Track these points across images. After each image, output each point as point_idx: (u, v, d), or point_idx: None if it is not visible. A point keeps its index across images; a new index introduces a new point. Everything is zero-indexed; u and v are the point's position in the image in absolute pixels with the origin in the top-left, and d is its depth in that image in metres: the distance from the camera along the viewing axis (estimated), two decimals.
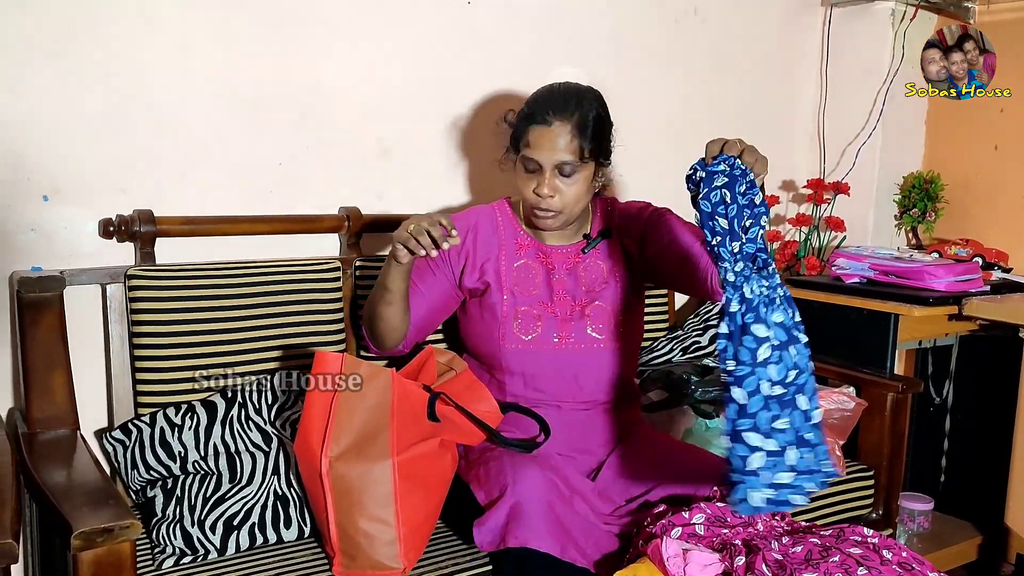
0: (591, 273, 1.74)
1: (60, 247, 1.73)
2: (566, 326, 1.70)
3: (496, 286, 1.71)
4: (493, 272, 1.72)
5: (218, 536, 1.53)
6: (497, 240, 1.75)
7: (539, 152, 1.61)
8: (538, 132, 1.61)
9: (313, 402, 1.46)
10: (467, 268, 1.73)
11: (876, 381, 2.16)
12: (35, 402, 1.53)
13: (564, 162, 1.60)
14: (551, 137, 1.59)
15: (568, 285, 1.73)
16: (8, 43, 1.63)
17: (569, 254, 1.75)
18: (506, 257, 1.74)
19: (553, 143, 1.59)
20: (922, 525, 2.40)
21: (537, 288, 1.72)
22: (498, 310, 1.70)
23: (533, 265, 1.74)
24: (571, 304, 1.72)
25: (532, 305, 1.71)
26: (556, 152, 1.59)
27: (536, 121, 1.61)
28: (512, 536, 1.41)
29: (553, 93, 1.66)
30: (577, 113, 1.61)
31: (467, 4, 2.15)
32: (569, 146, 1.59)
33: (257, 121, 1.91)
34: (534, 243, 1.76)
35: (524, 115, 1.65)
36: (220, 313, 1.73)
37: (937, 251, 2.62)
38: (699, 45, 2.61)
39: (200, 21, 1.81)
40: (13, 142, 1.65)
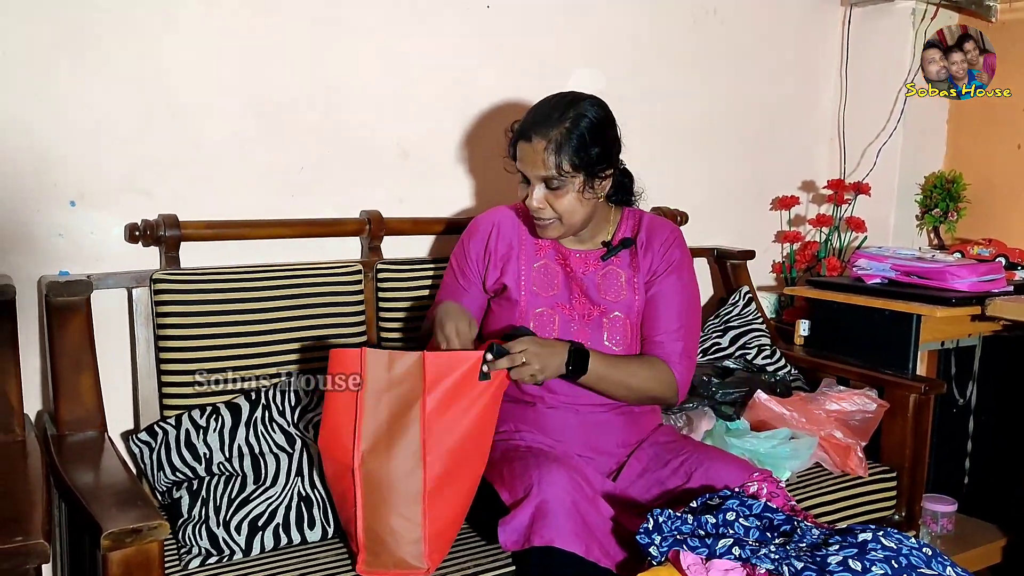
0: (610, 281, 1.74)
1: (87, 251, 1.75)
2: (583, 332, 1.70)
3: (515, 286, 1.72)
4: (513, 272, 1.74)
5: (243, 537, 1.55)
6: (518, 239, 1.76)
7: (523, 166, 1.64)
8: (521, 148, 1.64)
9: (336, 398, 1.47)
10: (489, 267, 1.75)
11: (898, 382, 2.15)
12: (64, 404, 1.55)
13: (545, 177, 1.62)
14: (530, 153, 1.61)
15: (587, 289, 1.73)
16: (35, 49, 1.65)
17: (588, 259, 1.76)
18: (526, 257, 1.75)
19: (533, 159, 1.61)
20: (945, 527, 2.38)
21: (555, 289, 1.73)
22: (516, 310, 1.71)
23: (552, 267, 1.75)
24: (589, 308, 1.72)
25: (549, 306, 1.72)
26: (537, 167, 1.61)
27: (520, 137, 1.64)
28: (537, 535, 1.41)
29: (541, 107, 1.66)
30: (557, 129, 1.59)
31: (486, 8, 2.17)
32: (547, 162, 1.60)
33: (280, 126, 1.93)
34: (554, 245, 1.76)
35: (515, 128, 1.68)
36: (243, 316, 1.75)
37: (959, 251, 2.60)
38: (718, 46, 2.61)
39: (224, 28, 1.84)
40: (41, 148, 1.68)
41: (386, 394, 1.46)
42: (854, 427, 2.08)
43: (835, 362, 2.34)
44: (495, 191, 2.22)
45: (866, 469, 2.04)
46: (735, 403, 2.13)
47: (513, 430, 1.70)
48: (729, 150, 2.70)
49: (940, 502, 2.39)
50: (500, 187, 2.23)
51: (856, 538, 1.34)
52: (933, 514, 2.36)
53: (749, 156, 2.75)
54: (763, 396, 2.11)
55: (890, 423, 2.14)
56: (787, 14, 2.76)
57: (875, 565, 1.27)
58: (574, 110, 1.62)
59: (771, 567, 1.29)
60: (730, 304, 2.47)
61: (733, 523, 1.39)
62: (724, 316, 2.43)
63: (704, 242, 2.58)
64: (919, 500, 2.17)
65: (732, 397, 2.14)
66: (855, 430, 2.08)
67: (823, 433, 2.05)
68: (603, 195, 1.68)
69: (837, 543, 1.34)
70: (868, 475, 2.04)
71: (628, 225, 1.79)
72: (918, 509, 2.17)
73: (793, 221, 2.87)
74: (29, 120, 1.66)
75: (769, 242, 2.85)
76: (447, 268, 1.83)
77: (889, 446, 2.15)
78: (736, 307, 2.46)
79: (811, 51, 2.85)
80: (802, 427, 2.05)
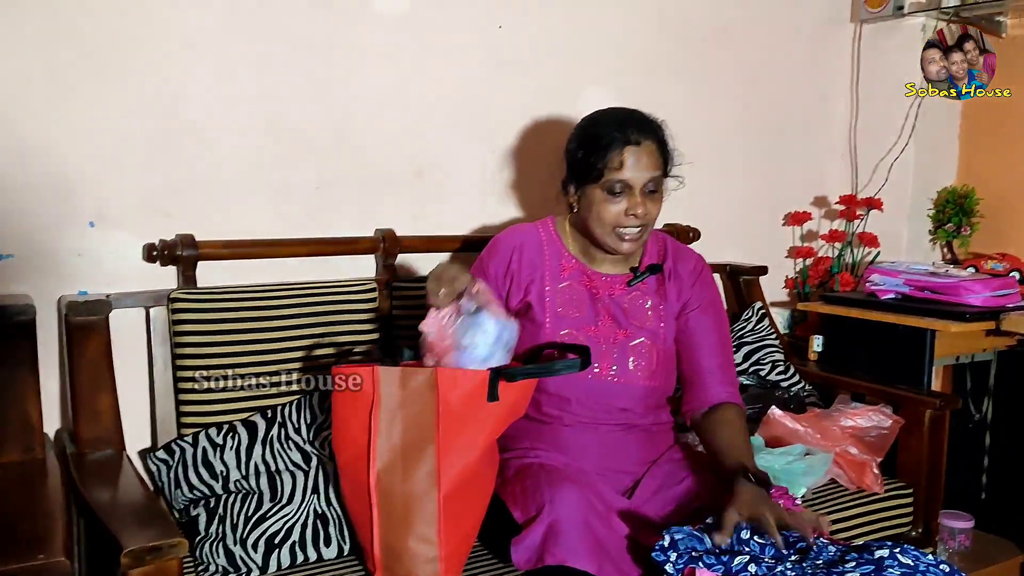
0: (635, 307, 1.73)
1: (106, 271, 1.77)
2: (607, 357, 1.69)
3: (539, 307, 1.71)
4: (537, 293, 1.72)
5: (260, 554, 1.56)
6: (542, 260, 1.75)
7: (631, 172, 1.62)
8: (630, 153, 1.61)
9: (349, 417, 1.48)
10: (512, 288, 1.74)
11: (913, 398, 2.14)
12: (83, 423, 1.57)
13: (653, 177, 1.63)
14: (641, 156, 1.62)
15: (613, 312, 1.72)
16: (56, 71, 1.68)
17: (614, 283, 1.74)
18: (550, 278, 1.73)
19: (644, 162, 1.62)
20: (963, 543, 2.36)
21: (581, 311, 1.72)
22: (540, 333, 1.70)
23: (577, 288, 1.73)
24: (615, 331, 1.71)
25: (575, 327, 1.70)
26: (648, 170, 1.62)
27: (627, 142, 1.62)
28: (550, 554, 1.41)
29: (627, 116, 1.67)
30: (655, 133, 1.66)
31: (499, 28, 2.19)
32: (657, 162, 1.64)
33: (295, 146, 1.95)
34: (580, 266, 1.75)
35: (604, 142, 1.63)
36: (260, 334, 1.77)
37: (973, 266, 2.59)
38: (728, 63, 2.62)
39: (240, 49, 1.86)
40: (61, 170, 1.71)
41: (400, 411, 1.46)
42: (869, 443, 2.08)
43: (849, 378, 2.34)
44: (508, 208, 2.24)
45: (882, 485, 2.03)
46: (749, 419, 2.12)
47: (528, 447, 1.70)
48: (741, 166, 2.71)
49: (957, 518, 2.37)
50: (513, 204, 2.25)
51: (873, 555, 1.33)
52: (950, 530, 2.35)
53: (761, 172, 2.76)
54: (777, 412, 2.10)
55: (906, 439, 2.13)
56: (797, 31, 2.77)
57: None
58: (654, 117, 1.68)
59: None
60: (743, 320, 2.47)
61: (748, 541, 1.39)
62: (737, 332, 2.43)
63: (717, 258, 2.58)
64: (936, 516, 2.16)
65: (748, 414, 2.14)
66: (870, 446, 2.07)
67: (838, 449, 2.04)
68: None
69: (854, 560, 1.34)
70: (884, 491, 2.03)
71: (653, 249, 1.80)
72: (935, 525, 2.15)
73: (805, 237, 2.87)
74: (50, 143, 1.69)
75: (782, 258, 2.85)
76: None
77: (905, 462, 2.14)
78: (749, 323, 2.46)
79: (822, 67, 2.86)
80: (817, 443, 2.05)
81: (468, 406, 1.45)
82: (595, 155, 1.63)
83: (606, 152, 1.62)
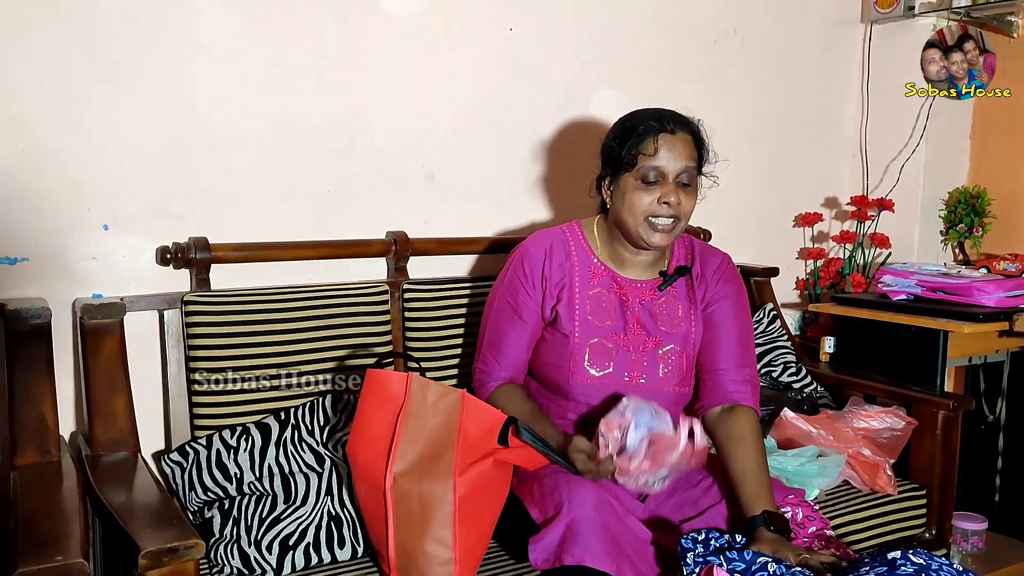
0: (667, 312, 1.72)
1: (120, 275, 1.78)
2: (638, 365, 1.69)
3: (568, 315, 1.70)
4: (567, 300, 1.70)
5: (274, 556, 1.56)
6: (570, 266, 1.72)
7: (665, 159, 1.62)
8: (664, 140, 1.62)
9: (374, 418, 1.49)
10: (546, 295, 1.72)
11: (926, 399, 2.14)
12: (98, 426, 1.58)
13: (687, 168, 1.63)
14: (676, 144, 1.62)
15: (643, 319, 1.71)
16: (69, 76, 1.69)
17: (644, 289, 1.73)
18: (580, 284, 1.72)
19: (679, 150, 1.62)
20: (976, 545, 2.35)
21: (611, 319, 1.70)
22: (570, 341, 1.68)
23: (607, 295, 1.72)
24: (644, 339, 1.70)
25: (605, 336, 1.69)
26: (681, 159, 1.62)
27: (663, 131, 1.63)
28: (568, 554, 1.41)
29: (664, 111, 1.68)
30: (690, 127, 1.66)
31: (509, 32, 2.19)
32: (692, 154, 1.64)
33: (307, 149, 1.96)
34: (609, 272, 1.74)
35: (640, 131, 1.63)
36: (273, 337, 1.77)
37: (985, 266, 2.58)
38: (739, 65, 2.62)
39: (253, 54, 1.87)
40: (75, 174, 1.72)
41: (427, 420, 1.48)
42: (882, 444, 2.07)
43: (862, 379, 2.33)
44: (520, 211, 2.24)
45: (895, 487, 2.03)
46: (762, 421, 2.12)
47: None
48: (752, 168, 2.70)
49: (970, 520, 2.36)
50: (525, 207, 2.25)
51: (886, 557, 1.34)
52: (963, 532, 2.34)
53: (772, 173, 2.76)
54: (790, 414, 2.10)
55: (918, 440, 2.12)
56: (807, 33, 2.77)
57: None
58: (691, 116, 1.68)
59: None
60: (755, 322, 2.47)
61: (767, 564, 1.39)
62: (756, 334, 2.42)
63: None
64: (949, 518, 2.15)
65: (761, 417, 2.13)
66: (883, 447, 2.07)
67: (851, 451, 2.04)
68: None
69: (868, 563, 1.35)
70: (897, 493, 2.03)
71: (680, 253, 1.79)
72: (948, 527, 2.15)
73: (816, 238, 2.86)
74: (64, 147, 1.70)
75: (793, 259, 2.85)
76: (496, 304, 1.76)
77: (918, 463, 2.14)
78: (761, 324, 2.45)
79: (832, 68, 2.85)
80: (830, 445, 2.04)
81: (482, 439, 1.49)
82: (630, 142, 1.64)
83: (641, 139, 1.63)
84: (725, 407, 1.68)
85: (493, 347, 1.74)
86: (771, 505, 1.53)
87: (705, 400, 1.72)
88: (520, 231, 2.21)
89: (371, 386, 1.52)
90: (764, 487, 1.56)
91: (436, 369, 1.97)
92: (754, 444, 1.62)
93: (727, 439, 1.64)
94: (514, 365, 1.74)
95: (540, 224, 1.86)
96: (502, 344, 1.73)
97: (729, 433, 1.64)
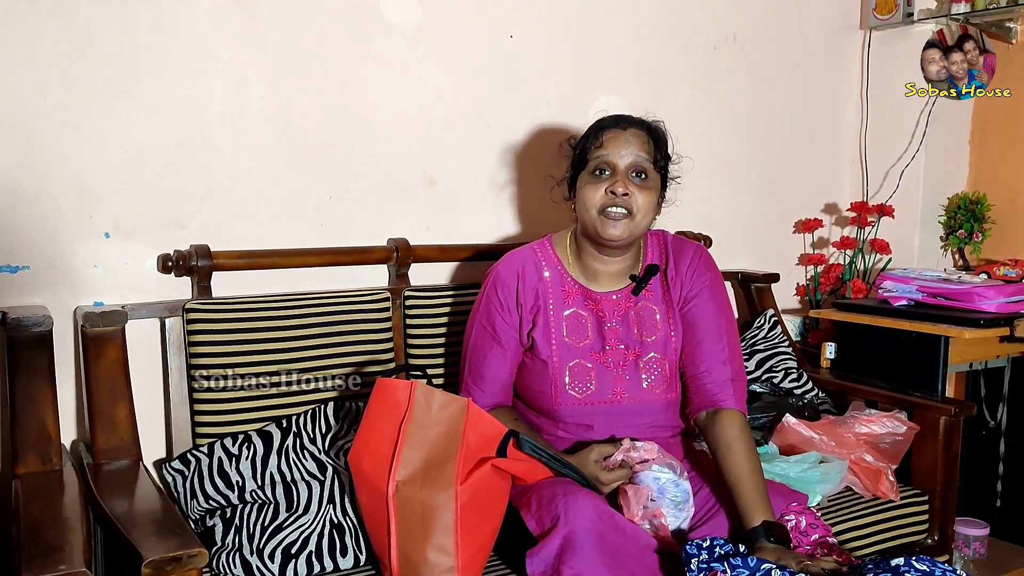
0: (644, 318, 1.71)
1: (121, 282, 1.78)
2: (621, 381, 1.68)
3: (544, 341, 1.69)
4: (542, 324, 1.69)
5: (276, 565, 1.56)
6: (543, 288, 1.71)
7: (613, 149, 1.61)
8: (612, 134, 1.63)
9: (378, 426, 1.49)
10: (522, 320, 1.71)
11: (928, 405, 2.14)
12: (100, 434, 1.57)
13: (636, 162, 1.61)
14: (626, 138, 1.62)
15: (620, 334, 1.70)
16: (71, 83, 1.69)
17: (620, 300, 1.72)
18: (555, 306, 1.71)
19: (629, 142, 1.61)
20: (978, 551, 2.35)
21: (588, 338, 1.69)
22: (549, 367, 1.68)
23: (583, 314, 1.71)
24: (624, 353, 1.69)
25: (584, 357, 1.68)
26: (631, 150, 1.61)
27: (613, 127, 1.64)
28: (566, 566, 1.40)
29: (616, 115, 1.68)
30: (646, 126, 1.66)
31: (510, 38, 2.20)
32: (645, 148, 1.62)
33: (308, 156, 1.96)
34: (582, 289, 1.72)
35: (594, 128, 1.67)
36: (274, 344, 1.77)
37: (986, 272, 2.58)
38: (739, 71, 2.63)
39: (255, 61, 1.87)
40: (77, 181, 1.72)
41: (430, 429, 1.48)
42: (884, 450, 2.07)
43: (863, 385, 2.33)
44: (520, 217, 2.25)
45: (897, 493, 2.02)
46: (763, 427, 2.12)
47: None
48: (751, 173, 2.71)
49: (972, 526, 2.37)
50: (525, 213, 2.25)
51: (889, 563, 1.34)
52: (965, 538, 2.34)
53: (771, 179, 2.76)
54: (791, 420, 2.10)
55: (920, 446, 2.12)
56: (807, 39, 2.78)
57: None
58: (653, 119, 1.67)
59: None
60: (755, 328, 2.47)
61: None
62: (750, 340, 2.43)
63: (728, 266, 2.58)
64: (951, 524, 2.15)
65: (760, 422, 2.14)
66: (885, 453, 2.06)
67: (853, 456, 2.04)
68: (659, 215, 1.69)
69: (871, 569, 1.34)
70: (900, 499, 2.02)
71: (655, 253, 1.77)
72: (950, 533, 2.14)
73: (817, 244, 2.87)
74: (65, 154, 1.70)
75: (793, 265, 2.85)
76: (475, 332, 1.75)
77: (920, 469, 2.13)
78: (762, 330, 2.45)
79: (831, 74, 2.86)
80: (832, 451, 2.04)
81: (482, 449, 1.50)
82: (588, 139, 1.66)
83: (592, 136, 1.65)
84: (709, 412, 1.67)
85: (475, 374, 1.74)
86: (768, 514, 1.52)
87: (691, 406, 1.71)
88: (521, 237, 2.22)
89: (378, 393, 1.52)
90: (759, 495, 1.54)
91: (436, 376, 1.96)
92: (742, 449, 1.59)
93: (716, 447, 1.62)
94: (498, 391, 1.74)
95: (543, 230, 1.86)
96: (484, 371, 1.73)
97: (717, 440, 1.62)
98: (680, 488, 1.56)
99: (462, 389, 1.76)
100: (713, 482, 1.66)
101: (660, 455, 1.59)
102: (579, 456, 1.63)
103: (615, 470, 1.59)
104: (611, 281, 1.73)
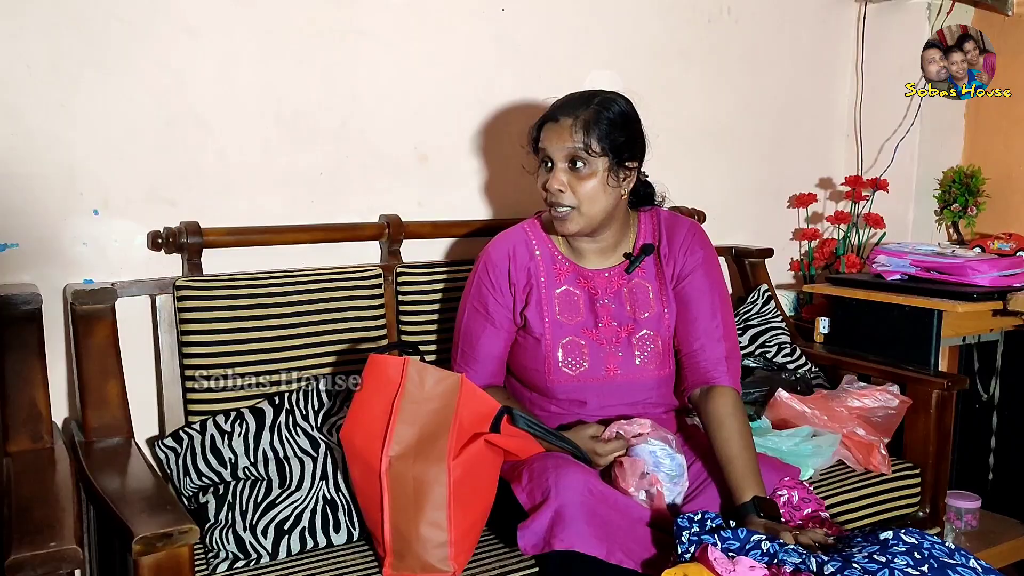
0: (637, 295, 1.71)
1: (111, 260, 1.77)
2: (614, 357, 1.68)
3: (536, 318, 1.69)
4: (534, 302, 1.69)
5: (270, 541, 1.56)
6: (535, 266, 1.71)
7: (547, 144, 1.62)
8: (547, 128, 1.63)
9: (371, 402, 1.49)
10: (515, 300, 1.71)
11: (921, 378, 2.14)
12: (91, 412, 1.57)
13: (570, 153, 1.59)
14: (557, 131, 1.61)
15: (613, 311, 1.70)
16: (59, 59, 1.67)
17: (612, 278, 1.72)
18: (547, 284, 1.71)
19: (559, 135, 1.60)
20: (970, 523, 2.37)
21: (580, 315, 1.69)
22: (542, 344, 1.68)
23: (575, 291, 1.71)
24: (616, 331, 1.69)
25: (576, 334, 1.68)
26: (563, 141, 1.59)
27: (547, 119, 1.64)
28: (557, 539, 1.41)
29: (568, 97, 1.67)
30: (585, 111, 1.60)
31: (501, 12, 2.18)
32: (573, 138, 1.58)
33: (299, 132, 1.94)
34: (574, 267, 1.72)
35: (538, 121, 1.67)
36: (266, 321, 1.77)
37: (979, 246, 2.58)
38: (733, 45, 2.61)
39: (244, 37, 1.85)
40: (66, 159, 1.70)
41: (423, 404, 1.48)
42: (876, 424, 2.08)
43: (856, 359, 2.33)
44: (513, 193, 2.23)
45: (889, 466, 2.03)
46: (756, 402, 2.13)
47: None
48: (746, 148, 2.70)
49: (964, 498, 2.38)
50: (518, 189, 2.23)
51: (878, 536, 1.35)
52: (957, 511, 2.35)
53: (766, 154, 2.75)
54: (784, 394, 2.10)
55: (913, 419, 2.13)
56: (801, 12, 2.75)
57: (898, 557, 1.28)
58: (601, 97, 1.63)
59: (797, 560, 1.30)
60: (749, 303, 2.47)
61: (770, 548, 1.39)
62: (743, 315, 2.43)
63: (722, 241, 2.58)
64: (943, 497, 2.16)
65: (753, 396, 2.14)
66: (877, 427, 2.07)
67: (845, 430, 2.04)
68: (627, 192, 1.66)
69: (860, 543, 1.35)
70: (892, 472, 2.03)
71: (647, 229, 1.76)
72: (942, 506, 2.15)
73: (811, 218, 2.86)
74: (53, 131, 1.68)
75: (787, 240, 2.84)
76: (467, 312, 1.75)
77: (912, 443, 2.14)
78: (755, 306, 2.45)
79: (826, 48, 2.84)
80: (824, 425, 2.05)
81: (476, 424, 1.50)
82: (536, 129, 1.67)
83: (535, 130, 1.67)
84: (703, 389, 1.67)
85: (467, 356, 1.73)
86: (760, 489, 1.52)
87: (685, 383, 1.71)
88: (514, 213, 2.20)
89: (370, 370, 1.52)
90: (750, 471, 1.55)
91: (429, 353, 1.96)
92: (735, 426, 1.60)
93: (709, 424, 1.63)
94: (490, 372, 1.74)
95: (536, 206, 1.85)
96: (477, 352, 1.72)
97: (710, 417, 1.63)
98: (675, 461, 1.57)
99: (453, 368, 1.76)
100: (705, 456, 1.67)
101: (655, 430, 1.60)
102: (574, 431, 1.64)
103: (611, 442, 1.59)
104: (601, 258, 1.73)
